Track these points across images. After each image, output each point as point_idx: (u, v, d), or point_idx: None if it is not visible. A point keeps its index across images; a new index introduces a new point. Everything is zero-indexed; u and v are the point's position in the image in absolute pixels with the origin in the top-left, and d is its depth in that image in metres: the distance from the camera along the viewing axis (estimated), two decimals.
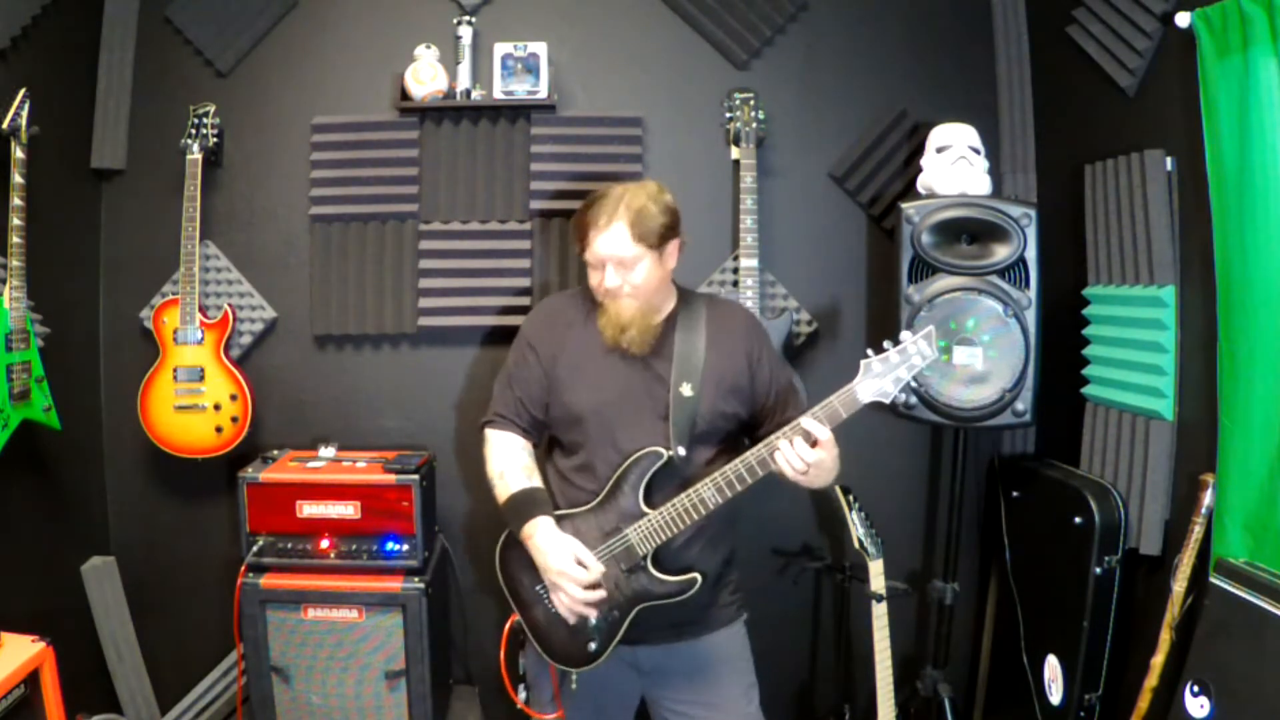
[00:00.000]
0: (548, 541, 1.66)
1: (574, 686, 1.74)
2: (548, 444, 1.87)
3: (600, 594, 1.65)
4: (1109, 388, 2.13)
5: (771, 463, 1.58)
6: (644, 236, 1.68)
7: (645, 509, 1.66)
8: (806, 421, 1.55)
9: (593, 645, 1.69)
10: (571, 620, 1.68)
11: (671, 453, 1.66)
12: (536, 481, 1.77)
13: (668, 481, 1.67)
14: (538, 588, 1.73)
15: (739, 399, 1.77)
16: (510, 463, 1.78)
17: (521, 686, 1.89)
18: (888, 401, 1.56)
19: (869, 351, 1.56)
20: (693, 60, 2.61)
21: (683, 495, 1.62)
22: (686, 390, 1.70)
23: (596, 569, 1.64)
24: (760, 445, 1.59)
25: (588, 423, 1.72)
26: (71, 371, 2.47)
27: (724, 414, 1.75)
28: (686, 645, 1.76)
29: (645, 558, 1.66)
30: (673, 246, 1.76)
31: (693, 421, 1.70)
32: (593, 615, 1.66)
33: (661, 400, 1.70)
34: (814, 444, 1.55)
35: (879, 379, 1.55)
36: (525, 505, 1.72)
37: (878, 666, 2.20)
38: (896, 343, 1.56)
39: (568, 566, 1.63)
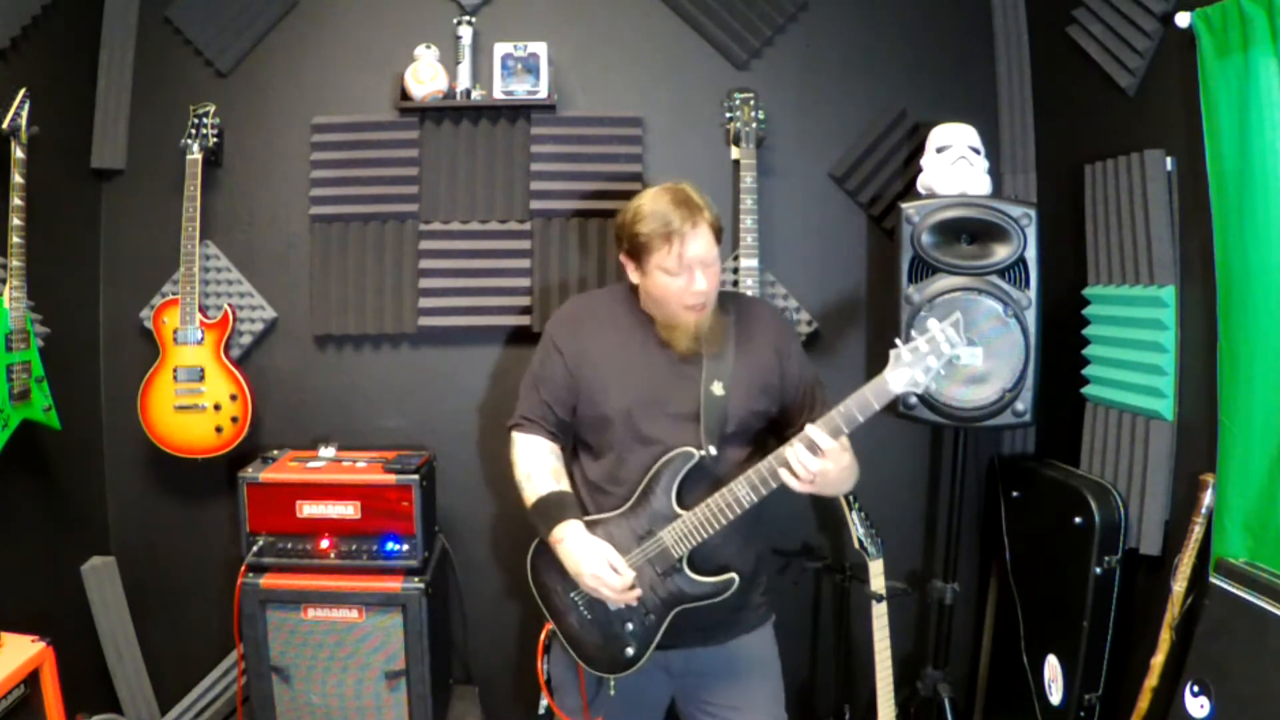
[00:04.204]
0: (579, 547, 1.64)
1: (612, 693, 1.72)
2: (574, 448, 1.85)
3: (637, 591, 1.63)
4: (1109, 388, 2.13)
5: None
6: (719, 236, 1.69)
7: (679, 510, 1.64)
8: (812, 429, 1.52)
9: (630, 651, 1.68)
10: (614, 607, 1.66)
11: (703, 452, 1.64)
12: (564, 485, 1.75)
13: (700, 482, 1.65)
14: (572, 595, 1.71)
15: (769, 396, 1.75)
16: (537, 466, 1.76)
17: (544, 694, 1.87)
18: (919, 390, 1.54)
19: (897, 341, 1.54)
20: (693, 60, 2.61)
21: (717, 495, 1.60)
22: (717, 389, 1.67)
23: (628, 575, 1.62)
24: (796, 439, 1.55)
25: (617, 424, 1.70)
26: (71, 371, 2.46)
27: (755, 412, 1.73)
28: (718, 648, 1.75)
29: (681, 560, 1.64)
30: None
31: (724, 420, 1.67)
32: (635, 601, 1.64)
33: (692, 400, 1.68)
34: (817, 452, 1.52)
35: (910, 368, 1.51)
36: (553, 509, 1.69)
37: (878, 666, 2.20)
38: (925, 332, 1.53)
39: (602, 571, 1.60)
